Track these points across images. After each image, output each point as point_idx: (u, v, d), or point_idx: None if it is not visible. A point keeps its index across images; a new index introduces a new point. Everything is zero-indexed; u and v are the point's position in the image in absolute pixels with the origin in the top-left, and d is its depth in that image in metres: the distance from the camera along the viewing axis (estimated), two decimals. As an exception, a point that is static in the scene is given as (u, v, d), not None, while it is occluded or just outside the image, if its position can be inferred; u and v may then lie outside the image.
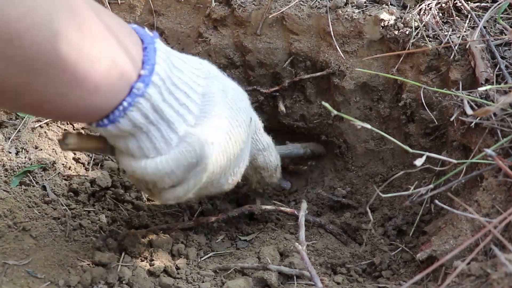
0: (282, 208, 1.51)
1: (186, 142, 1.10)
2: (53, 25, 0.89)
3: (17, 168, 1.45)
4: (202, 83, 1.16)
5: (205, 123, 1.12)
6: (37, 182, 1.46)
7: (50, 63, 0.91)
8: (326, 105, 1.05)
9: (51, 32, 0.89)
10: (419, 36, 1.51)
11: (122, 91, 1.04)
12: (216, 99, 1.15)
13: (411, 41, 1.51)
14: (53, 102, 0.98)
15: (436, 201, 1.14)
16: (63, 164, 1.54)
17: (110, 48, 1.00)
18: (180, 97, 1.10)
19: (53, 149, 1.56)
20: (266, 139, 1.45)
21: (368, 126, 1.07)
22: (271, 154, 1.46)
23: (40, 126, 1.58)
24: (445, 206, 1.12)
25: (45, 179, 1.48)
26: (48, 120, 1.58)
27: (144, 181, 1.16)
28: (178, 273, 1.29)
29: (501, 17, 1.50)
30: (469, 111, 1.26)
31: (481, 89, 1.26)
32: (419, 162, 1.07)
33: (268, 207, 1.51)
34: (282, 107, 1.72)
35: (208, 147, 1.11)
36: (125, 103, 1.04)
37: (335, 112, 1.06)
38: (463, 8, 1.56)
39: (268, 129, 1.69)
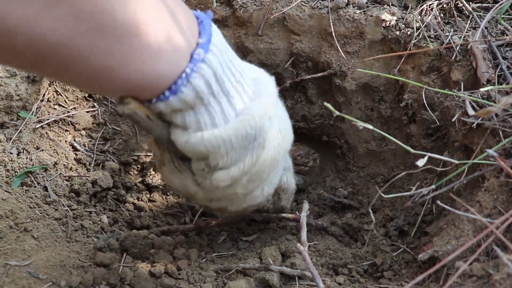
0: (283, 215, 1.49)
1: (245, 113, 1.08)
2: None
3: (19, 169, 1.45)
4: (248, 98, 1.12)
5: (262, 100, 1.11)
6: (38, 183, 1.46)
7: (117, 23, 0.90)
8: (328, 105, 1.05)
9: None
10: (420, 36, 1.51)
11: (184, 58, 1.01)
12: (269, 89, 1.15)
13: (413, 41, 1.51)
14: (118, 69, 0.96)
15: (438, 202, 1.14)
16: (64, 164, 1.55)
17: (171, 16, 0.99)
18: (236, 74, 1.08)
19: (54, 149, 1.57)
20: (290, 162, 1.43)
21: (370, 126, 1.07)
22: (292, 176, 1.44)
23: (41, 127, 1.58)
24: (447, 207, 1.11)
25: (47, 180, 1.48)
26: (49, 120, 1.58)
27: (196, 160, 1.13)
28: (179, 274, 1.29)
29: (503, 18, 1.50)
30: (471, 112, 1.26)
31: (483, 89, 1.26)
32: (421, 162, 1.07)
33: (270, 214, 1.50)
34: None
35: (266, 121, 1.11)
36: (187, 70, 1.01)
37: (337, 113, 1.06)
38: (464, 8, 1.56)
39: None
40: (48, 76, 1.43)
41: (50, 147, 1.56)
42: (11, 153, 1.49)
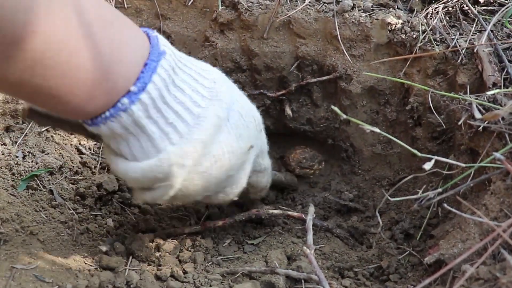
0: (289, 213, 1.51)
1: (157, 158, 1.13)
2: (56, 32, 0.93)
3: (24, 172, 1.45)
4: (204, 104, 1.16)
5: (185, 146, 1.14)
6: (44, 186, 1.46)
7: (48, 67, 0.95)
8: (335, 109, 1.05)
9: (53, 39, 0.93)
10: (426, 40, 1.51)
11: (111, 101, 1.07)
12: (206, 124, 1.16)
13: (418, 45, 1.51)
14: (46, 100, 1.05)
15: (445, 205, 1.14)
16: (70, 168, 1.55)
17: (109, 60, 1.03)
18: (170, 116, 1.12)
19: (60, 153, 1.57)
20: (266, 163, 1.46)
21: (377, 130, 1.07)
22: (264, 177, 1.47)
23: (47, 130, 1.58)
24: (453, 210, 1.11)
25: (52, 183, 1.48)
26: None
27: None
28: (185, 277, 1.29)
29: (509, 21, 1.50)
30: (477, 115, 1.26)
31: (489, 93, 1.26)
32: (428, 166, 1.07)
33: (275, 211, 1.50)
34: (288, 111, 1.72)
35: (177, 168, 1.14)
36: (107, 113, 1.08)
37: (345, 116, 1.06)
38: (470, 12, 1.56)
39: (274, 133, 1.70)
40: None
41: (56, 151, 1.56)
42: (17, 157, 1.49)
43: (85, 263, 1.27)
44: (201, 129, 1.15)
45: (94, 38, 0.99)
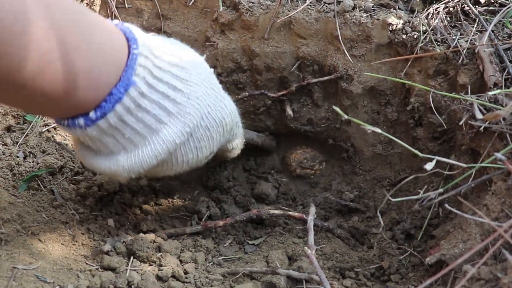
0: (290, 213, 1.51)
1: (115, 165, 1.20)
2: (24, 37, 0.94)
3: (25, 173, 1.45)
4: (167, 120, 1.18)
5: (139, 159, 1.19)
6: (45, 187, 1.46)
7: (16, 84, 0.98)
8: (337, 109, 1.04)
9: (27, 57, 0.95)
10: (427, 40, 1.51)
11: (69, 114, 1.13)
12: (159, 146, 1.19)
13: (419, 45, 1.51)
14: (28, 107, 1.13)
15: (446, 205, 1.14)
16: (70, 168, 1.55)
17: (78, 69, 1.04)
18: (126, 132, 1.16)
19: (61, 153, 1.57)
20: (237, 143, 1.48)
21: (378, 130, 1.07)
22: (238, 145, 1.49)
23: (47, 130, 1.58)
24: (454, 210, 1.11)
25: (53, 184, 1.48)
26: (55, 124, 1.58)
27: None
28: (186, 278, 1.28)
29: (509, 21, 1.50)
30: (479, 115, 1.26)
31: (490, 93, 1.26)
32: (429, 166, 1.07)
33: (276, 211, 1.51)
34: (289, 111, 1.72)
35: (133, 175, 1.22)
36: (81, 122, 1.12)
37: (346, 116, 1.07)
38: (471, 12, 1.56)
39: (275, 133, 1.70)
40: None
41: (57, 151, 1.56)
42: (18, 157, 1.49)
43: (86, 263, 1.27)
44: (152, 149, 1.19)
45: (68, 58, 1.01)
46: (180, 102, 1.18)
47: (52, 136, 1.58)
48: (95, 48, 1.07)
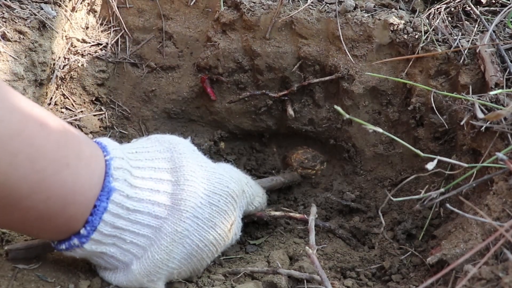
0: (291, 214, 1.51)
1: (128, 278, 1.19)
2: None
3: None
4: (165, 214, 1.17)
5: (147, 265, 1.17)
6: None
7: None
8: (339, 109, 1.04)
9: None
10: (428, 40, 1.51)
11: (63, 235, 1.13)
12: (165, 242, 1.17)
13: (421, 45, 1.51)
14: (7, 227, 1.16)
15: (447, 205, 1.14)
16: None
17: (59, 200, 1.05)
18: (127, 237, 1.15)
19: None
20: (259, 200, 1.47)
21: (380, 130, 1.06)
22: (257, 201, 1.46)
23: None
24: (456, 210, 1.11)
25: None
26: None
27: None
28: (188, 277, 1.28)
29: (511, 21, 1.49)
30: (480, 115, 1.25)
31: (492, 93, 1.26)
32: (430, 166, 1.06)
33: (277, 213, 1.51)
34: (290, 111, 1.72)
35: (149, 284, 1.19)
36: (63, 246, 1.14)
37: (347, 116, 1.06)
38: (472, 12, 1.56)
39: (276, 133, 1.70)
40: None
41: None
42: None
43: (88, 264, 1.27)
44: (161, 248, 1.17)
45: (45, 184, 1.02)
46: (173, 191, 1.18)
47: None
48: (83, 164, 1.08)
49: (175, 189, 1.18)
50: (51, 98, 1.63)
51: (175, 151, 1.23)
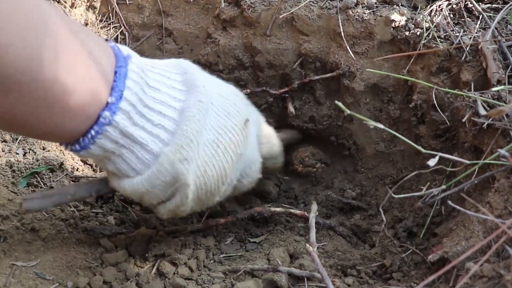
0: (291, 211, 1.50)
1: (158, 163, 1.13)
2: (27, 46, 0.91)
3: (25, 169, 1.45)
4: (183, 97, 1.16)
5: (178, 140, 1.13)
6: (44, 183, 1.45)
7: (22, 83, 0.92)
8: (339, 104, 1.04)
9: (25, 53, 0.90)
10: (430, 37, 1.50)
11: (91, 117, 1.06)
12: (190, 112, 1.15)
13: (422, 42, 1.50)
14: (25, 121, 1.01)
15: (449, 202, 1.13)
16: (70, 165, 1.54)
17: (82, 73, 1.02)
18: (154, 118, 1.12)
19: (61, 150, 1.56)
20: (267, 132, 1.46)
21: (381, 126, 1.06)
22: (274, 144, 1.48)
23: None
24: (457, 207, 1.10)
25: (53, 180, 1.47)
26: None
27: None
28: (187, 275, 1.28)
29: (513, 18, 1.49)
30: (482, 112, 1.25)
31: (494, 89, 1.25)
32: (432, 162, 1.06)
33: (278, 209, 1.50)
34: (291, 109, 1.71)
35: (180, 164, 1.13)
36: (92, 132, 1.07)
37: (348, 111, 1.06)
38: (474, 9, 1.55)
39: (277, 131, 1.69)
40: None
41: (57, 148, 1.56)
42: (17, 154, 1.48)
43: (86, 261, 1.27)
44: (188, 119, 1.14)
45: (66, 48, 0.98)
46: (181, 79, 1.19)
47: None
48: (108, 53, 1.08)
49: (186, 80, 1.19)
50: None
51: (184, 63, 1.24)
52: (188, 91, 1.17)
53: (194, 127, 1.14)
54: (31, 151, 1.50)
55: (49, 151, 1.53)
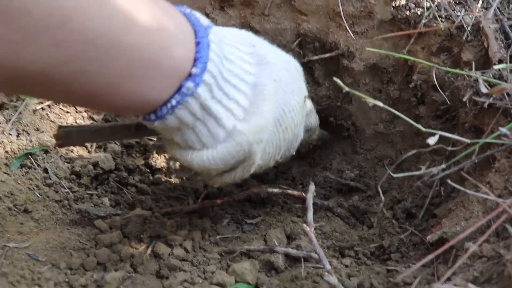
0: (289, 191, 1.49)
1: (234, 141, 1.10)
2: (105, 8, 0.87)
3: (18, 151, 1.44)
4: (254, 71, 1.14)
5: (255, 119, 1.11)
6: (38, 165, 1.44)
7: (101, 48, 0.89)
8: (337, 80, 1.03)
9: (103, 16, 0.87)
10: (431, 16, 1.49)
11: (172, 86, 1.03)
12: (267, 91, 1.13)
13: (423, 21, 1.49)
14: (104, 93, 0.96)
15: (449, 181, 1.12)
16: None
17: (163, 38, 0.98)
18: (230, 92, 1.09)
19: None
20: (310, 105, 1.44)
21: (380, 104, 1.06)
22: (312, 117, 1.46)
23: (42, 108, 1.56)
24: (457, 186, 1.10)
25: (47, 162, 1.46)
26: (49, 102, 1.56)
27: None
28: (183, 256, 1.26)
29: (515, -3, 1.47)
30: (483, 90, 1.24)
31: (496, 67, 1.24)
32: (432, 141, 1.05)
33: (275, 190, 1.49)
34: (289, 89, 1.69)
35: (256, 146, 1.12)
36: (173, 101, 1.03)
37: (347, 89, 1.05)
38: (475, -12, 1.53)
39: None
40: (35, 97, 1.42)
41: (51, 129, 1.54)
42: (11, 135, 1.47)
43: (80, 242, 1.25)
44: (265, 98, 1.12)
45: (146, 13, 0.95)
46: (250, 51, 1.16)
47: (47, 114, 1.56)
48: (185, 22, 1.06)
49: (255, 53, 1.17)
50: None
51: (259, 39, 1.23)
52: (259, 65, 1.15)
53: (272, 108, 1.13)
54: (25, 132, 1.49)
55: (43, 132, 1.51)
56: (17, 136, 1.48)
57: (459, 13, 1.47)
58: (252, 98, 1.12)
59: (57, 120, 1.57)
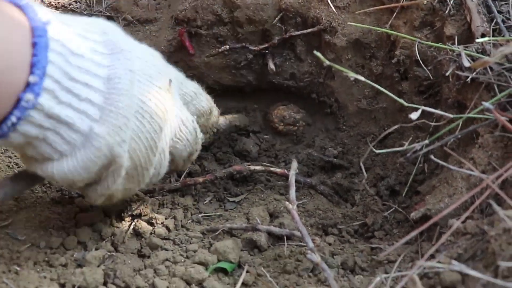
0: (271, 169, 1.49)
1: (93, 147, 1.02)
2: None
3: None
4: (107, 62, 1.04)
5: (112, 119, 1.02)
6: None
7: None
8: (318, 54, 1.02)
9: None
10: (413, -10, 1.48)
11: (8, 102, 0.93)
12: (123, 84, 1.04)
13: (405, -5, 1.48)
14: None
15: (432, 157, 1.12)
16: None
17: None
18: (81, 92, 1.00)
19: None
20: (192, 88, 1.33)
21: (362, 78, 1.06)
22: (201, 100, 1.35)
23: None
24: (441, 162, 1.09)
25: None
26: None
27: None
28: (165, 235, 1.26)
29: (498, -30, 1.46)
30: (466, 64, 1.23)
31: (478, 40, 1.24)
32: (414, 116, 1.05)
33: (257, 167, 1.48)
34: (271, 66, 1.68)
35: (119, 147, 1.03)
36: (13, 118, 0.94)
37: (328, 62, 1.04)
38: (458, -39, 1.52)
39: (257, 89, 1.66)
40: None
41: None
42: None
43: (60, 221, 1.24)
44: (121, 93, 1.03)
45: None
46: (102, 40, 1.07)
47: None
48: (19, 20, 0.96)
49: (107, 41, 1.07)
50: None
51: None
52: (112, 54, 1.06)
53: (129, 103, 1.04)
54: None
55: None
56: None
57: (442, -13, 1.46)
58: (107, 94, 1.03)
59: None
